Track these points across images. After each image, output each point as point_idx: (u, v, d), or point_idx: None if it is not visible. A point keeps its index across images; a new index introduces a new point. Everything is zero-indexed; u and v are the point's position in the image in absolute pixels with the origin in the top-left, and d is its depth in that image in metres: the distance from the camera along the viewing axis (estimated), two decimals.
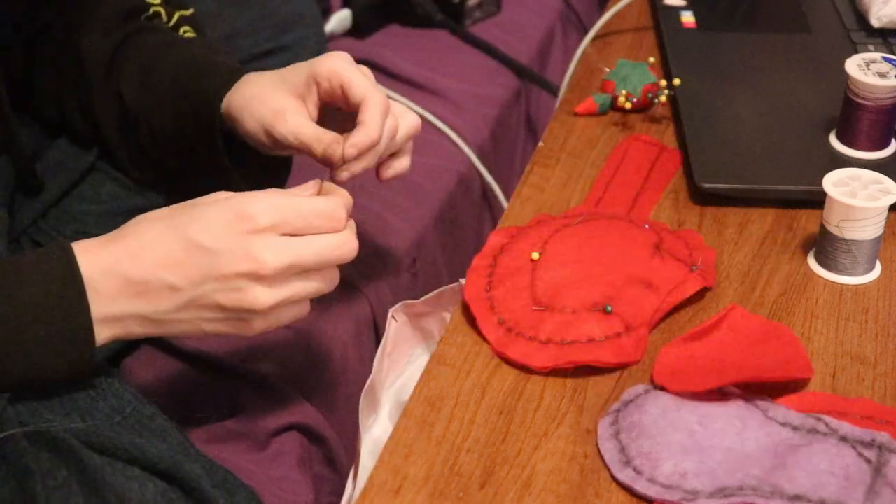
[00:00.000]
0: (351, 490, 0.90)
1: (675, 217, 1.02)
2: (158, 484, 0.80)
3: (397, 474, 0.79)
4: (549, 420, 0.82)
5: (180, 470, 0.81)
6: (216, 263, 0.80)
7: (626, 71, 1.16)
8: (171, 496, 0.80)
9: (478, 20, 1.66)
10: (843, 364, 0.87)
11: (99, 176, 1.09)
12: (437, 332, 0.97)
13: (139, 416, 0.84)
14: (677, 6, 1.33)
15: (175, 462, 0.81)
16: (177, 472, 0.81)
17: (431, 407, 0.83)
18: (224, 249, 0.80)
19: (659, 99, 1.14)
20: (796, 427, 0.80)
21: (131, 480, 0.79)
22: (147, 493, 0.79)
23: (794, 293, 0.94)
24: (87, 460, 0.78)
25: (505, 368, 0.86)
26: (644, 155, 1.09)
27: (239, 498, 0.83)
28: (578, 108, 1.16)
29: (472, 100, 1.51)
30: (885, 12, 1.24)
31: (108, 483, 0.78)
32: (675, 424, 0.79)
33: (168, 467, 0.80)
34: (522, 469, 0.79)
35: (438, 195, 1.35)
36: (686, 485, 0.76)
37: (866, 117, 1.05)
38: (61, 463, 0.78)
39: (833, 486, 0.75)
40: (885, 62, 1.04)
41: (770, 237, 1.00)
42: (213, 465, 0.84)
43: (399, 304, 0.96)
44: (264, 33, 1.31)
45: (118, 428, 0.83)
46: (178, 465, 0.81)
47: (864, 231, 0.93)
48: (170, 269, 0.80)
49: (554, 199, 1.04)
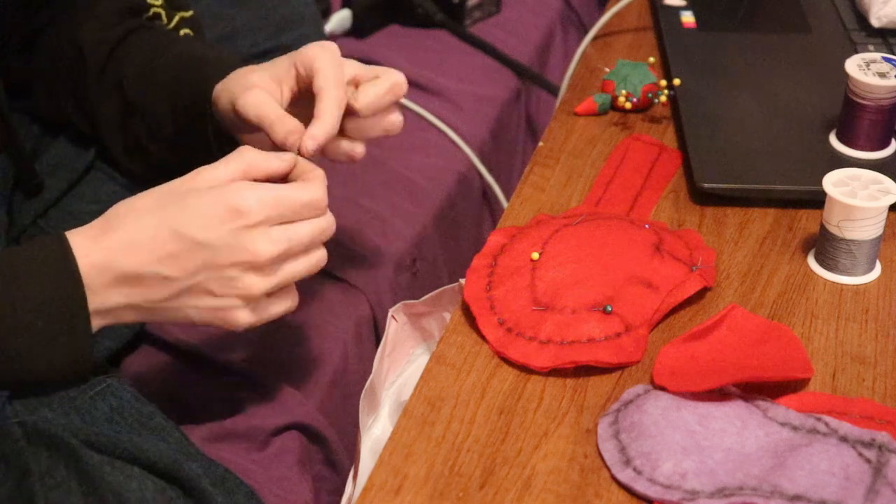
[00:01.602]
0: (351, 490, 0.90)
1: (675, 217, 1.02)
2: (157, 482, 0.80)
3: (397, 474, 0.78)
4: (549, 420, 0.82)
5: (179, 469, 0.81)
6: (211, 256, 0.81)
7: (626, 71, 1.16)
8: (170, 495, 0.80)
9: (478, 20, 1.66)
10: (843, 364, 0.87)
11: (98, 175, 1.09)
12: (437, 332, 0.97)
13: (138, 416, 0.85)
14: (677, 6, 1.33)
15: (174, 461, 0.81)
16: (176, 471, 0.81)
17: (431, 407, 0.83)
18: (219, 244, 0.81)
19: (659, 99, 1.14)
20: (796, 427, 0.80)
21: (130, 479, 0.79)
22: (146, 491, 0.79)
23: (794, 293, 0.94)
24: (85, 459, 0.78)
25: (505, 368, 0.86)
26: (644, 155, 1.09)
27: (238, 496, 0.83)
28: (578, 108, 1.16)
29: (472, 100, 1.51)
30: (885, 12, 1.24)
31: (106, 482, 0.78)
32: (675, 424, 0.79)
33: (167, 466, 0.80)
34: (522, 469, 0.79)
35: (438, 195, 1.35)
36: (686, 485, 0.76)
37: (866, 117, 1.05)
38: (60, 462, 0.78)
39: (833, 486, 0.75)
40: (885, 62, 1.04)
41: (770, 237, 1.00)
42: (211, 464, 0.84)
43: (399, 304, 0.96)
44: (264, 33, 1.31)
45: (117, 427, 0.83)
46: (177, 463, 0.81)
47: (864, 231, 0.93)
48: (164, 262, 0.81)
49: (554, 199, 1.04)
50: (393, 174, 1.33)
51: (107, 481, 0.78)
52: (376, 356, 0.94)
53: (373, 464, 0.80)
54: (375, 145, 1.32)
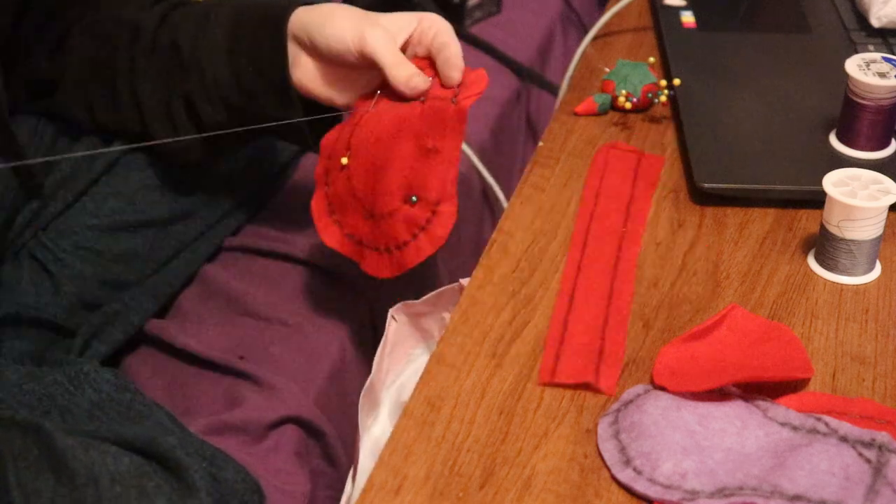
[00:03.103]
0: (350, 490, 0.90)
1: (676, 217, 1.02)
2: (134, 458, 0.79)
3: (397, 474, 0.78)
4: (549, 420, 0.82)
5: (154, 444, 0.80)
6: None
7: (626, 71, 1.16)
8: (146, 469, 0.79)
9: (478, 20, 1.66)
10: (843, 364, 0.87)
11: (102, 190, 1.09)
12: (436, 332, 0.97)
13: (118, 407, 0.85)
14: (677, 6, 1.33)
15: (150, 439, 0.80)
16: (151, 447, 0.80)
17: (431, 407, 0.83)
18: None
19: (659, 99, 1.14)
20: (796, 427, 0.80)
21: (105, 455, 0.78)
22: (121, 465, 0.78)
23: (794, 293, 0.94)
24: (58, 441, 0.78)
25: (505, 368, 0.86)
26: (625, 163, 1.08)
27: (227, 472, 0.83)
28: (578, 108, 1.16)
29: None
30: (885, 12, 1.24)
31: (79, 460, 0.77)
32: (675, 424, 0.79)
33: (143, 444, 0.80)
34: (522, 469, 0.79)
35: None
36: (686, 485, 0.76)
37: (866, 117, 1.05)
38: (33, 445, 0.78)
39: (833, 486, 0.75)
40: (885, 62, 1.04)
41: (770, 237, 1.00)
42: (188, 438, 0.83)
43: (399, 304, 0.96)
44: None
45: (97, 423, 0.83)
46: (153, 440, 0.80)
47: (864, 231, 0.93)
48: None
49: (554, 199, 1.04)
50: None
51: (79, 459, 0.77)
52: (376, 356, 0.94)
53: (373, 464, 0.80)
54: None
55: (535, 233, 1.00)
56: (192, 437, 0.84)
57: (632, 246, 0.98)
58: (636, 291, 0.94)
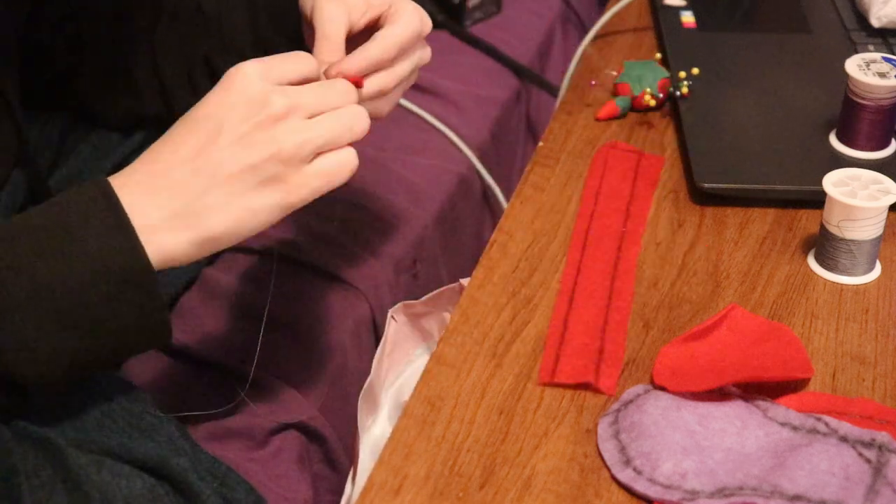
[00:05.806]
0: (350, 490, 0.90)
1: (676, 217, 1.02)
2: (147, 480, 0.80)
3: (397, 474, 0.78)
4: (549, 420, 0.82)
5: (167, 466, 0.80)
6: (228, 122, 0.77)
7: (637, 71, 1.16)
8: (158, 492, 0.79)
9: (478, 20, 1.66)
10: (843, 364, 0.87)
11: None
12: (436, 332, 0.97)
13: (129, 418, 0.84)
14: (677, 6, 1.33)
15: (162, 458, 0.81)
16: (164, 468, 0.80)
17: (431, 407, 0.83)
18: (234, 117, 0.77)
19: (680, 90, 1.14)
20: (796, 427, 0.80)
21: (118, 478, 0.79)
22: (134, 488, 0.79)
23: (794, 293, 0.94)
24: (71, 459, 0.78)
25: (505, 368, 0.86)
26: (625, 164, 1.08)
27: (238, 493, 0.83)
28: (600, 114, 1.15)
29: (473, 100, 1.51)
30: (885, 12, 1.24)
31: (92, 480, 0.77)
32: (675, 424, 0.79)
33: (156, 464, 0.80)
34: (522, 469, 0.79)
35: (438, 196, 1.35)
36: (686, 485, 0.76)
37: (866, 117, 1.05)
38: (46, 462, 0.78)
39: (833, 486, 0.75)
40: (885, 62, 1.04)
41: (770, 237, 1.00)
42: (204, 459, 0.83)
43: (399, 305, 0.96)
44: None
45: (107, 432, 0.83)
46: (165, 460, 0.81)
47: (864, 231, 0.93)
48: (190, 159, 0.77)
49: (554, 199, 1.04)
50: (393, 175, 1.33)
51: (93, 480, 0.77)
52: (376, 356, 0.94)
53: (373, 464, 0.80)
54: (376, 147, 1.33)
55: (535, 233, 1.00)
56: (203, 454, 0.84)
57: (632, 246, 0.98)
58: (636, 291, 0.94)
